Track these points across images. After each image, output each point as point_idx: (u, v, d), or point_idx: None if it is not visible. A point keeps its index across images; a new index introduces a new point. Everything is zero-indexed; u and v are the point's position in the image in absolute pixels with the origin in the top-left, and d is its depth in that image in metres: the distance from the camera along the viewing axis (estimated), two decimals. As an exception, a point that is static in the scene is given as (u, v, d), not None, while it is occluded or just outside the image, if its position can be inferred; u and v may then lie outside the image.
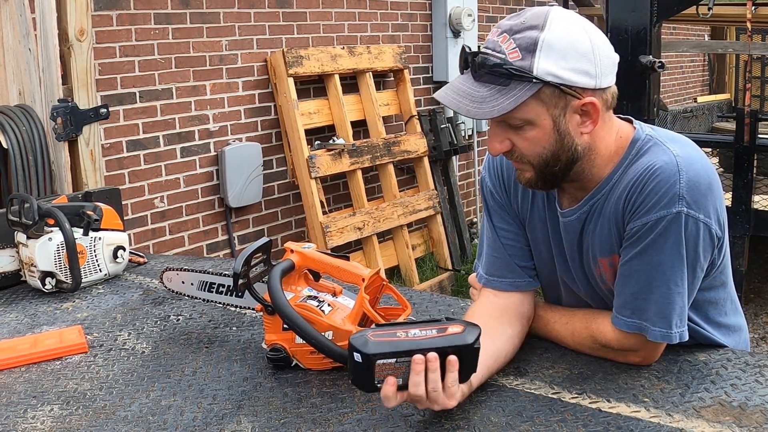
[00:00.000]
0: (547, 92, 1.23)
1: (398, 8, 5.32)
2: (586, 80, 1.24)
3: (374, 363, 1.16)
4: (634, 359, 1.40)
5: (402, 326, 1.21)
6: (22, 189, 2.51)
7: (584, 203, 1.39)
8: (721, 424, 1.20)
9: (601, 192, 1.37)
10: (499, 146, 1.30)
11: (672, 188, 1.27)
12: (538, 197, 1.48)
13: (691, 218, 1.28)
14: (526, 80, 1.21)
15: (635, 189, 1.31)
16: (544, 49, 1.21)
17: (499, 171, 1.52)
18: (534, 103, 1.23)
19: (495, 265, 1.52)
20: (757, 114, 4.10)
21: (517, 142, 1.29)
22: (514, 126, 1.27)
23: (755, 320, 4.66)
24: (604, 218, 1.37)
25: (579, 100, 1.25)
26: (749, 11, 4.55)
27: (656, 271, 1.31)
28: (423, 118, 5.22)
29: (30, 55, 2.61)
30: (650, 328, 1.33)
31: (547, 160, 1.30)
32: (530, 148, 1.29)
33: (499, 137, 1.30)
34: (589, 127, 1.29)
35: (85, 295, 2.06)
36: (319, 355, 1.45)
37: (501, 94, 1.22)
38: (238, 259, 1.48)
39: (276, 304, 1.42)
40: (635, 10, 3.69)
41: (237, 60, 4.28)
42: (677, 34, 8.67)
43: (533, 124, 1.26)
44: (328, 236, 4.36)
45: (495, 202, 1.52)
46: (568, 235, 1.44)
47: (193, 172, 4.12)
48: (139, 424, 1.31)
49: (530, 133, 1.27)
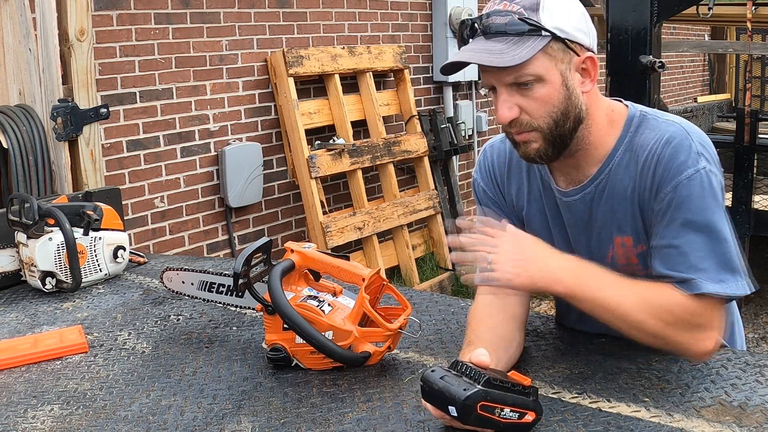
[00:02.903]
0: (554, 47, 1.27)
1: (398, 8, 5.32)
2: (584, 37, 1.30)
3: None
4: (707, 344, 1.28)
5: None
6: (22, 189, 2.51)
7: (590, 183, 1.39)
8: (721, 424, 1.20)
9: (607, 169, 1.37)
10: (509, 113, 1.30)
11: (690, 148, 1.29)
12: (534, 186, 1.48)
13: (713, 173, 1.30)
14: (536, 34, 1.25)
15: (652, 163, 1.31)
16: (546, 8, 1.26)
17: (491, 170, 1.53)
18: (543, 57, 1.27)
19: None
20: (757, 114, 4.10)
21: (527, 105, 1.29)
22: (523, 88, 1.28)
23: (755, 320, 4.66)
24: (616, 197, 1.36)
25: (579, 57, 1.30)
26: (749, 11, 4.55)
27: (708, 228, 1.28)
28: (423, 118, 5.22)
29: (30, 55, 2.61)
30: (731, 284, 1.27)
31: (557, 120, 1.30)
32: (540, 108, 1.29)
33: (507, 103, 1.30)
34: (588, 85, 1.33)
35: (85, 295, 2.06)
36: (319, 355, 1.45)
37: (517, 46, 1.25)
38: (238, 259, 1.48)
39: (276, 304, 1.42)
40: (635, 10, 3.69)
41: (237, 60, 4.28)
42: (677, 34, 8.66)
43: (543, 80, 1.28)
44: (328, 236, 4.36)
45: (488, 200, 1.53)
46: (572, 216, 1.43)
47: (193, 172, 4.12)
48: (139, 424, 1.31)
49: (540, 91, 1.28)
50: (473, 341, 1.37)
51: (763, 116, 4.80)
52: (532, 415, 1.18)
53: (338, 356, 1.42)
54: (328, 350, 1.41)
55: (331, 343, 1.42)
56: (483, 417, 1.14)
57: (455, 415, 1.15)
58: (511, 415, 1.16)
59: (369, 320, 1.45)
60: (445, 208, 5.37)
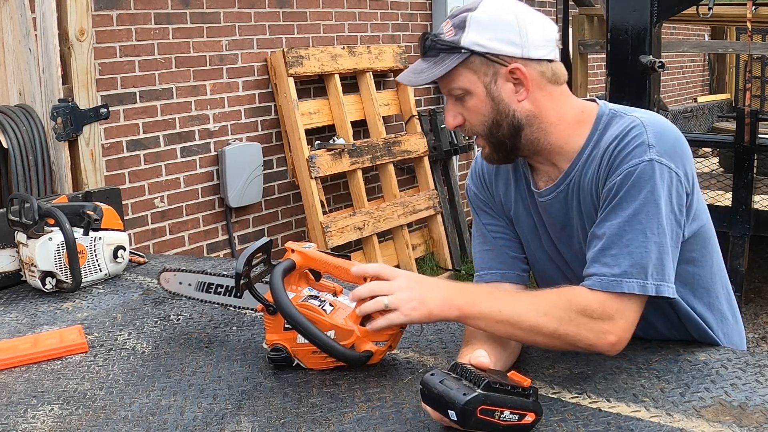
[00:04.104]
0: (475, 61, 1.36)
1: (398, 8, 5.32)
2: (510, 48, 1.35)
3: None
4: (609, 338, 1.29)
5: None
6: (22, 189, 2.51)
7: (560, 181, 1.44)
8: (721, 424, 1.20)
9: (576, 167, 1.41)
10: (453, 120, 1.43)
11: (640, 139, 1.32)
12: (520, 187, 1.52)
13: (664, 166, 1.31)
14: (455, 52, 1.35)
15: (607, 156, 1.35)
16: (472, 25, 1.35)
17: (480, 173, 1.60)
18: (466, 72, 1.36)
19: (485, 258, 1.56)
20: (757, 114, 4.10)
21: (465, 114, 1.41)
22: (458, 99, 1.40)
23: (755, 320, 4.66)
24: (584, 192, 1.40)
25: (506, 67, 1.35)
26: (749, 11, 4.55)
27: (631, 221, 1.30)
28: (423, 118, 5.22)
29: (30, 55, 2.61)
30: (625, 281, 1.28)
31: (490, 128, 1.40)
32: (474, 118, 1.40)
33: (452, 112, 1.42)
34: (523, 94, 1.37)
35: (85, 295, 2.06)
36: (320, 354, 1.45)
37: (435, 65, 1.37)
38: (239, 259, 1.47)
39: (279, 304, 1.42)
40: (635, 10, 3.69)
41: (237, 60, 4.28)
42: (677, 34, 8.66)
43: (470, 92, 1.38)
44: (328, 236, 4.36)
45: (480, 201, 1.59)
46: (549, 216, 1.47)
47: (193, 171, 4.12)
48: (139, 424, 1.31)
49: (470, 102, 1.39)
50: (472, 342, 1.39)
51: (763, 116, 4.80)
52: (532, 416, 1.18)
53: (341, 355, 1.42)
54: (332, 350, 1.42)
55: (335, 343, 1.42)
56: (483, 420, 1.15)
57: (455, 419, 1.15)
58: (511, 417, 1.16)
59: (370, 319, 1.45)
60: (445, 208, 5.37)
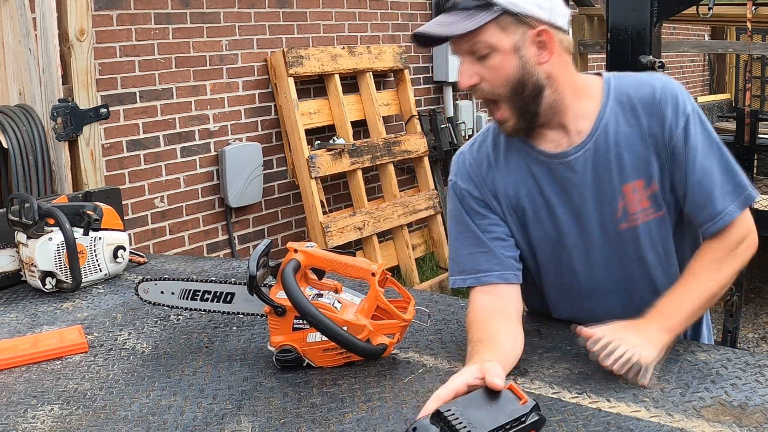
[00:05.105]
0: (506, 20, 1.37)
1: (398, 8, 5.32)
2: (540, 12, 1.39)
3: None
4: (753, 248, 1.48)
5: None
6: (22, 189, 2.51)
7: (588, 139, 1.46)
8: (721, 424, 1.20)
9: (601, 123, 1.46)
10: (468, 80, 1.41)
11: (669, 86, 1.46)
12: (522, 170, 1.51)
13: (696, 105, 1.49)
14: (487, 8, 1.36)
15: (658, 107, 1.44)
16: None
17: (470, 172, 1.56)
18: (495, 29, 1.37)
19: (480, 261, 1.51)
20: (757, 114, 4.10)
21: (485, 74, 1.40)
22: (480, 57, 1.39)
23: (755, 320, 4.66)
24: (622, 145, 1.45)
25: (534, 29, 1.38)
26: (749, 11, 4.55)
27: (717, 152, 1.47)
28: (423, 118, 5.22)
29: (30, 55, 2.61)
30: (750, 193, 1.48)
31: (515, 88, 1.40)
32: (496, 77, 1.40)
33: (468, 72, 1.41)
34: (546, 57, 1.41)
35: (85, 295, 2.06)
36: (331, 352, 1.46)
37: (466, 19, 1.37)
38: (250, 262, 1.46)
39: (298, 305, 1.42)
40: (635, 10, 3.68)
41: (237, 60, 4.28)
42: (677, 34, 8.66)
43: (496, 49, 1.38)
44: (328, 236, 4.36)
45: (473, 201, 1.54)
46: (575, 176, 1.47)
47: (193, 171, 4.12)
48: (139, 424, 1.31)
49: (495, 60, 1.39)
50: (479, 350, 1.36)
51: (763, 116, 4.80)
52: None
53: (361, 350, 1.44)
54: (352, 345, 1.43)
55: (355, 338, 1.43)
56: None
57: None
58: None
59: (375, 314, 1.47)
60: (445, 208, 5.37)
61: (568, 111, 1.46)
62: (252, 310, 1.61)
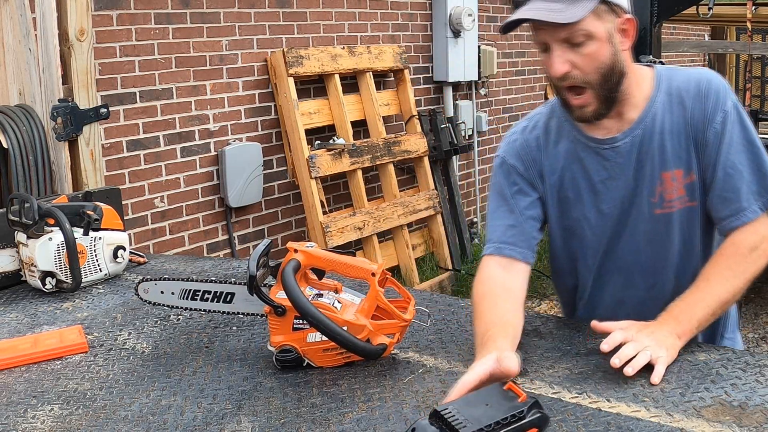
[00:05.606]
0: (602, 8, 1.43)
1: (398, 8, 5.32)
2: (624, 2, 1.47)
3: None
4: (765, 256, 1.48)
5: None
6: (22, 189, 2.51)
7: (636, 125, 1.53)
8: (721, 424, 1.20)
9: (651, 112, 1.52)
10: (561, 67, 1.45)
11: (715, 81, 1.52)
12: (571, 153, 1.57)
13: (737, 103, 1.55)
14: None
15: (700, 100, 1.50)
16: None
17: (522, 150, 1.63)
18: (593, 17, 1.42)
19: (508, 234, 1.58)
20: (757, 114, 4.10)
21: (579, 61, 1.44)
22: (575, 44, 1.43)
23: (755, 320, 4.66)
24: (667, 134, 1.51)
25: (620, 18, 1.46)
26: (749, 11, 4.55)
27: (751, 152, 1.50)
28: (423, 118, 5.22)
29: (30, 55, 2.61)
30: (756, 207, 1.48)
31: (605, 74, 1.46)
32: (590, 64, 1.44)
33: (561, 59, 1.45)
34: (627, 44, 1.48)
35: (85, 295, 2.06)
36: (331, 352, 1.46)
37: (572, 6, 1.41)
38: (250, 262, 1.46)
39: (298, 305, 1.42)
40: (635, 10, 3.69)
41: (237, 60, 4.28)
42: (677, 34, 8.66)
43: (593, 37, 1.43)
44: (328, 236, 4.36)
45: (519, 178, 1.62)
46: (622, 160, 1.54)
47: (193, 171, 4.12)
48: (139, 424, 1.31)
49: (590, 47, 1.43)
50: (493, 335, 1.38)
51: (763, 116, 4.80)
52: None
53: (361, 350, 1.44)
54: (352, 345, 1.43)
55: (355, 338, 1.43)
56: None
57: None
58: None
59: (375, 314, 1.47)
60: (445, 208, 5.37)
61: (629, 99, 1.52)
62: (252, 310, 1.61)
